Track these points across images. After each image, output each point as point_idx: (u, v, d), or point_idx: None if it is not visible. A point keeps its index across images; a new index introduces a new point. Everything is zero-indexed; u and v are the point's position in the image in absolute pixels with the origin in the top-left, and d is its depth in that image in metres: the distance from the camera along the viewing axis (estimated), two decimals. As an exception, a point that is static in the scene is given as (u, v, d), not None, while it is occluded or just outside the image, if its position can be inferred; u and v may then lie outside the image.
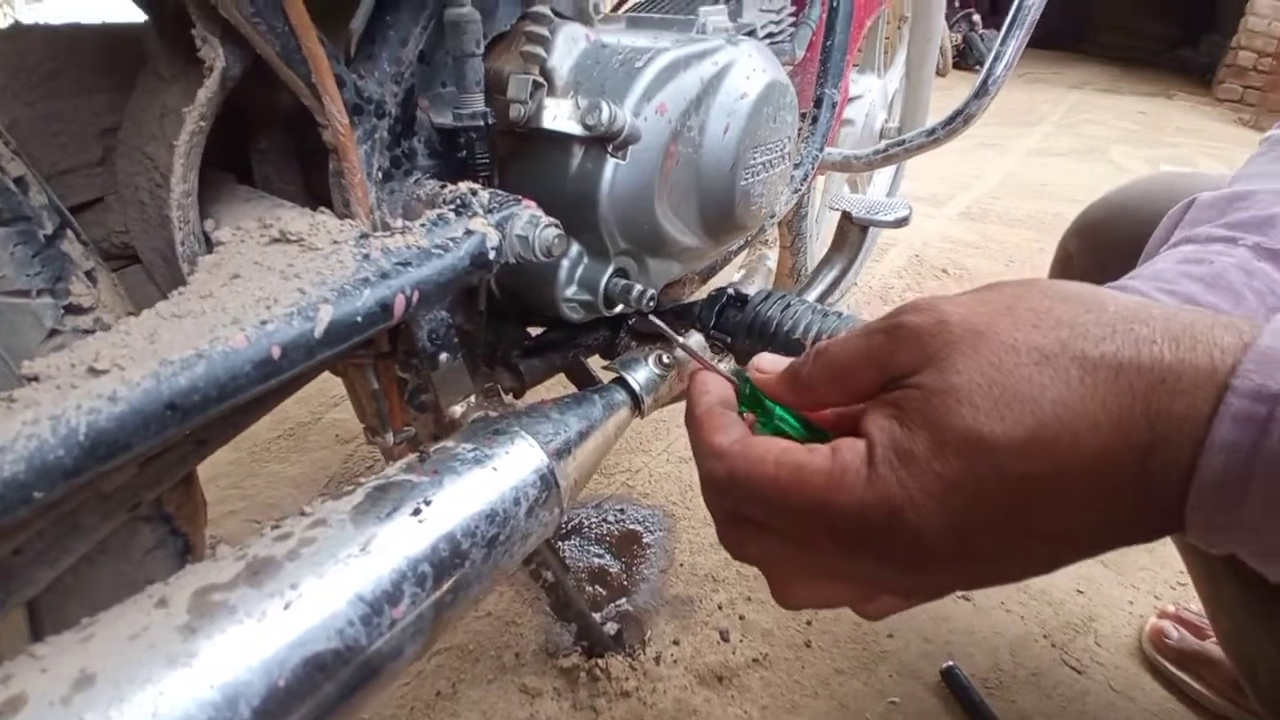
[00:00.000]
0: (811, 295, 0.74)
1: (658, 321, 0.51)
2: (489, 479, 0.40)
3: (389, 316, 0.35)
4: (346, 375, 0.51)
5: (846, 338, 0.27)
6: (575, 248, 0.52)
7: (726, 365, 0.47)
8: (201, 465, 0.40)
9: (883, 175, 1.70)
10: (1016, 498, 0.22)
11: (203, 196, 0.41)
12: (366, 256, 0.36)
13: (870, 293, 1.78)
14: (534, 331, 0.65)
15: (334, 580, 0.31)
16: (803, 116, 0.91)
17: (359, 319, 0.33)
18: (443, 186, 0.44)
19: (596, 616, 0.86)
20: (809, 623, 0.89)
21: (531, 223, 0.42)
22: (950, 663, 0.83)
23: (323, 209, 0.41)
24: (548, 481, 0.42)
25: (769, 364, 0.31)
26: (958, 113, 0.86)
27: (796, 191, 0.87)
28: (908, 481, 0.23)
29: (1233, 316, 0.22)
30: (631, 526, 1.01)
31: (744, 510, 0.27)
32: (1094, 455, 0.21)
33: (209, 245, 0.38)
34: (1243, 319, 0.22)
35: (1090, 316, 0.23)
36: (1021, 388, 0.22)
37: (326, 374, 0.52)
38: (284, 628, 0.29)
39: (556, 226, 0.43)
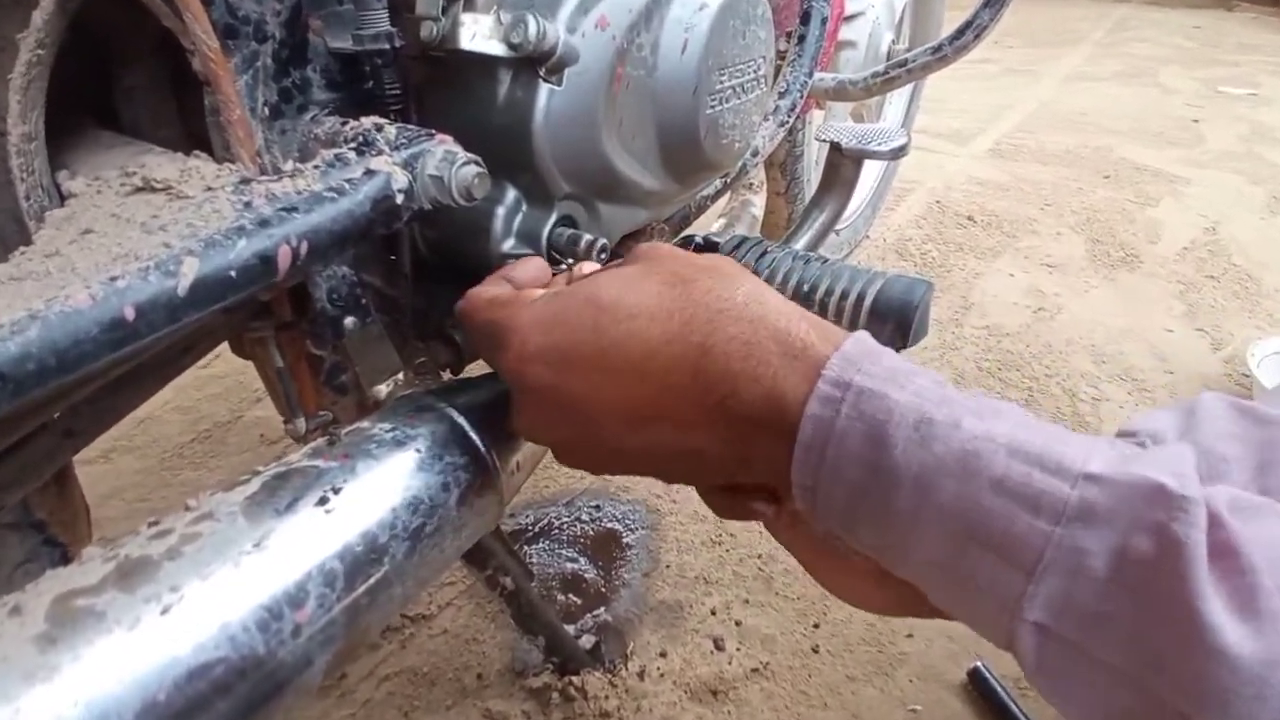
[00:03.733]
0: (800, 243, 0.74)
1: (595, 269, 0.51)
2: (411, 462, 0.39)
3: (272, 272, 0.35)
4: (252, 354, 0.50)
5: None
6: (511, 193, 0.52)
7: None
8: (104, 476, 0.40)
9: (895, 109, 1.70)
10: (596, 323, 0.35)
11: (58, 144, 0.40)
12: (247, 204, 0.35)
13: (885, 246, 1.78)
14: None
15: (222, 581, 0.31)
16: (788, 36, 0.90)
17: (233, 274, 0.33)
18: (344, 123, 0.44)
19: (570, 629, 0.87)
20: (816, 626, 0.90)
21: (446, 160, 0.41)
22: (978, 662, 0.85)
23: (199, 153, 0.40)
24: (483, 464, 0.42)
25: (590, 268, 0.46)
26: (967, 24, 0.86)
27: (783, 124, 0.86)
28: (539, 305, 0.37)
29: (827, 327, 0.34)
30: (609, 525, 1.02)
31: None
32: (660, 339, 0.33)
33: (62, 199, 0.37)
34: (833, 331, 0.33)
35: (726, 292, 0.34)
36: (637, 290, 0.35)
37: (248, 366, 0.52)
38: (162, 636, 0.29)
39: (477, 164, 0.43)
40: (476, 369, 0.59)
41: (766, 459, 0.33)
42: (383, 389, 0.50)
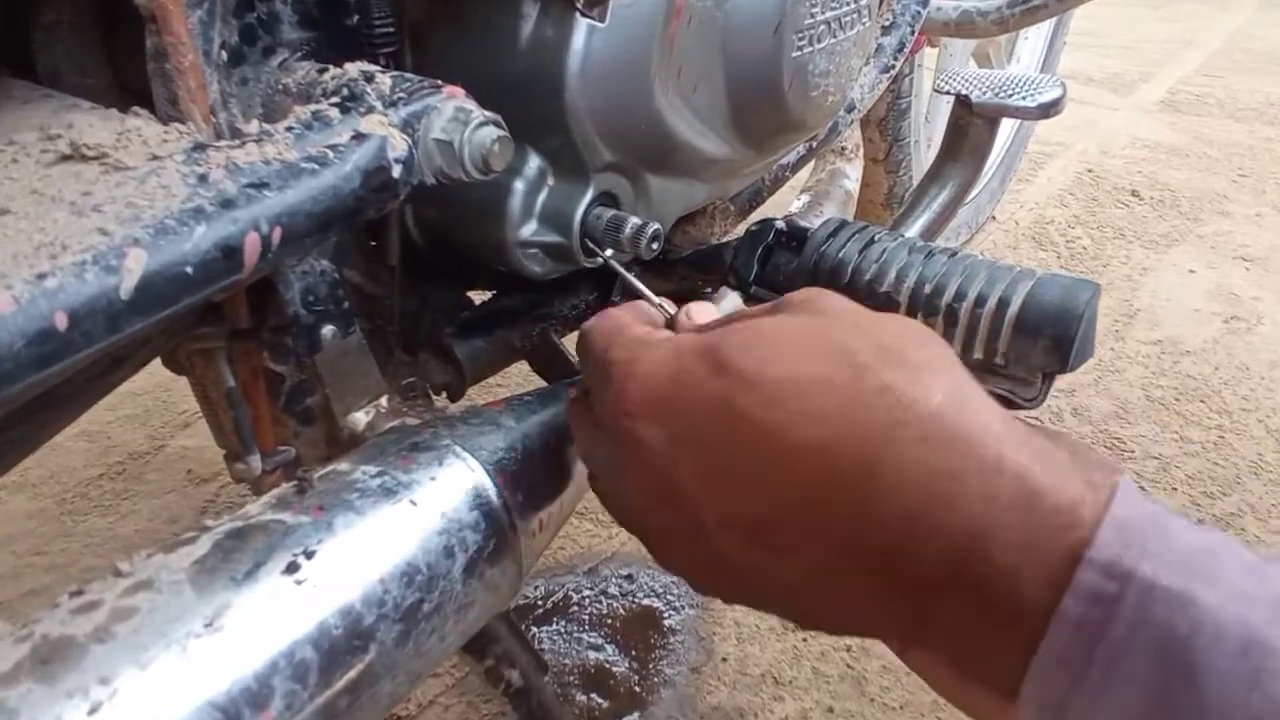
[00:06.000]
0: (913, 228, 0.73)
1: (615, 264, 0.53)
2: (405, 519, 0.40)
3: (236, 266, 0.35)
4: (190, 369, 0.51)
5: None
6: (534, 161, 0.53)
7: None
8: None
9: (1031, 47, 1.70)
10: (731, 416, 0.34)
11: (-41, 98, 0.42)
12: (203, 178, 0.36)
13: (1017, 231, 1.77)
14: (478, 297, 0.65)
15: (165, 672, 0.32)
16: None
17: (189, 270, 0.33)
18: (323, 71, 0.44)
19: (593, 740, 0.86)
20: (925, 743, 0.89)
21: (457, 120, 0.42)
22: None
23: (139, 110, 0.41)
24: (498, 522, 0.43)
25: (701, 314, 0.43)
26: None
27: (889, 70, 0.87)
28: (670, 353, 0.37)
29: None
30: (645, 602, 1.02)
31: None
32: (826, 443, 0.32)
33: (-34, 170, 0.38)
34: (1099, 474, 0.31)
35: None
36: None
37: (173, 381, 0.53)
38: (90, 744, 0.29)
39: (498, 125, 0.43)
40: (479, 394, 0.59)
41: (958, 636, 0.31)
42: (360, 417, 0.51)
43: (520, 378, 1.25)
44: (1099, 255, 1.71)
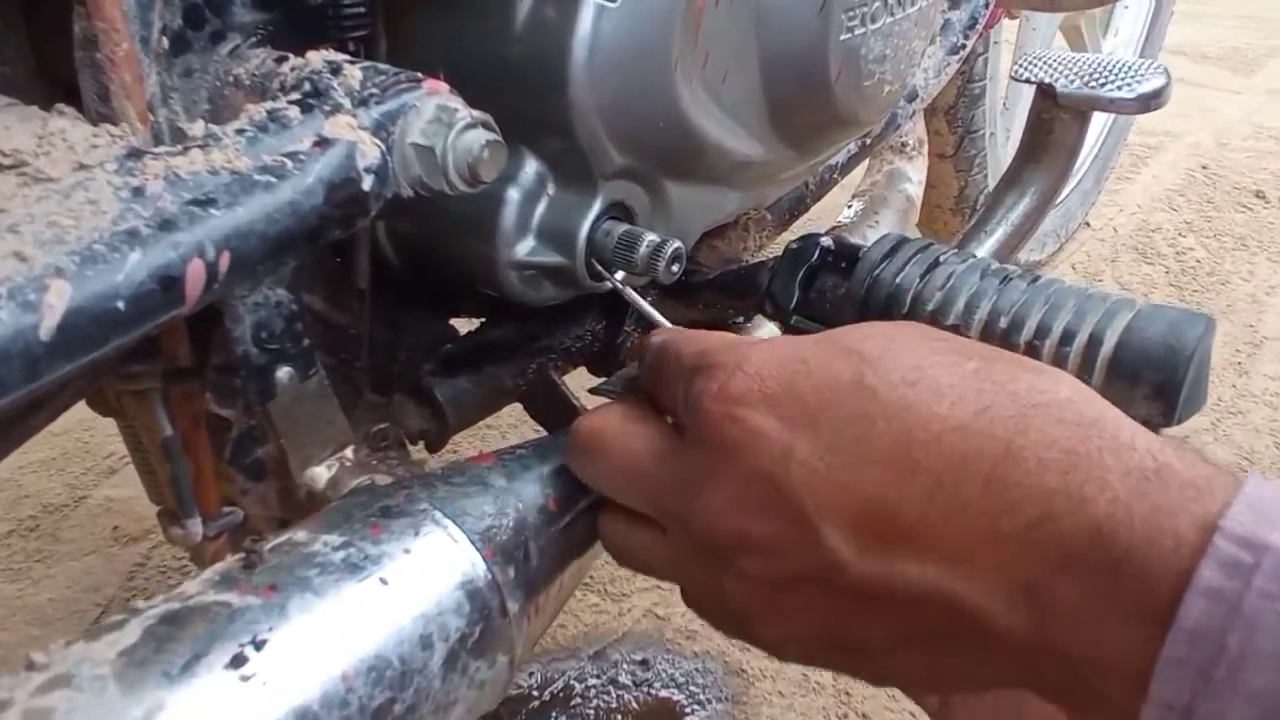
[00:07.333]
0: (986, 244, 0.73)
1: (628, 291, 0.53)
2: (373, 601, 0.40)
3: (176, 300, 0.35)
4: (120, 411, 0.52)
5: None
6: (531, 166, 0.53)
7: None
8: None
9: (1132, 18, 1.70)
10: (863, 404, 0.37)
11: None
12: (138, 192, 0.36)
13: (1116, 240, 1.76)
14: (462, 327, 0.65)
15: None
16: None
17: (121, 305, 0.33)
18: (281, 61, 0.45)
19: None
20: None
21: (441, 121, 0.42)
22: None
23: (64, 108, 0.41)
24: (486, 604, 0.43)
25: None
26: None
27: (958, 51, 0.88)
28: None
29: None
30: (662, 694, 1.00)
31: None
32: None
33: None
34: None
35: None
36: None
37: (97, 422, 0.53)
38: None
39: (489, 127, 0.43)
40: (466, 443, 0.59)
41: (1081, 625, 0.33)
42: (320, 473, 0.52)
43: (513, 425, 1.25)
44: (1216, 270, 1.70)
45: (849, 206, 1.00)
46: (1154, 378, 0.48)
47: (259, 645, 0.37)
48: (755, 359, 0.40)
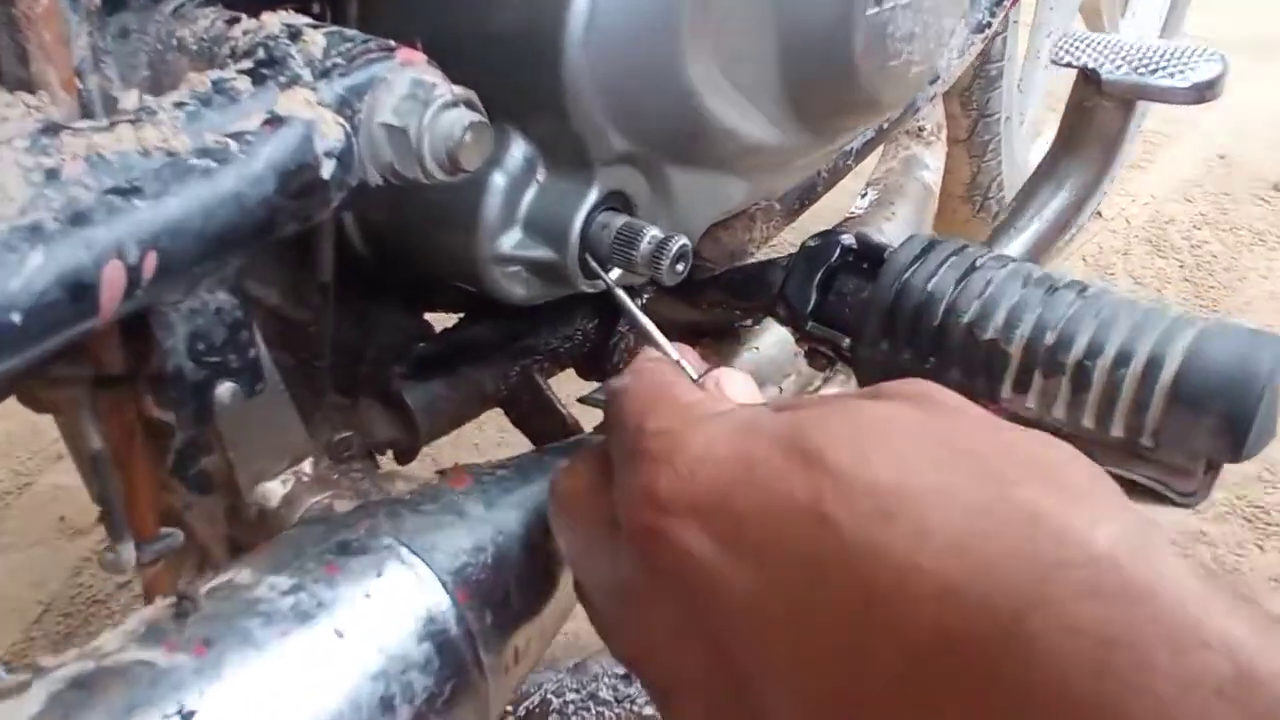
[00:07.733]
0: (1016, 241, 0.72)
1: (621, 295, 0.51)
2: (326, 656, 0.38)
3: (89, 310, 0.33)
4: (55, 407, 0.49)
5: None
6: (519, 149, 0.52)
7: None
8: None
9: (1148, 3, 1.69)
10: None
11: None
12: (51, 174, 0.34)
13: (1129, 231, 1.76)
14: (438, 323, 0.65)
15: None
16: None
17: (16, 318, 0.31)
18: (232, 23, 0.43)
19: None
20: None
21: (416, 98, 0.40)
22: None
23: (-31, 72, 0.39)
24: (457, 658, 0.42)
25: (734, 387, 0.42)
26: None
27: (983, 30, 0.87)
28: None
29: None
30: (646, 710, 1.00)
31: None
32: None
33: None
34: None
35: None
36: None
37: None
38: None
39: (472, 106, 0.41)
40: (447, 453, 0.55)
41: None
42: (274, 488, 0.51)
43: (496, 436, 1.22)
44: (1233, 266, 1.69)
45: (862, 195, 1.01)
46: (1222, 407, 0.45)
47: (186, 716, 0.35)
48: (693, 449, 0.35)
